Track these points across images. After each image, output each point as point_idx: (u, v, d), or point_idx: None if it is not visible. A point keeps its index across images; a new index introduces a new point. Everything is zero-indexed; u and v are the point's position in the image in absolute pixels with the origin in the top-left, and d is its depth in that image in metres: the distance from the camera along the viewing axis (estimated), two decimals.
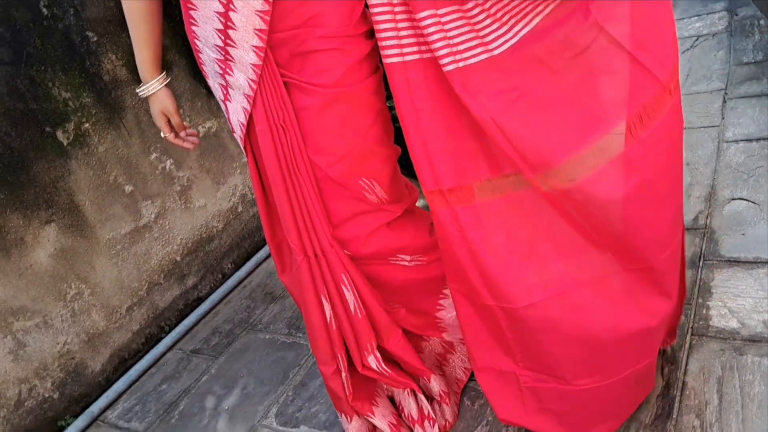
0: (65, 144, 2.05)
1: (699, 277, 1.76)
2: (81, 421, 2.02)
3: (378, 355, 1.46)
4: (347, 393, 1.47)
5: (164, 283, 2.36)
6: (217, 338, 2.26)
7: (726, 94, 2.66)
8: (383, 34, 1.16)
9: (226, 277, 2.58)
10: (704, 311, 1.64)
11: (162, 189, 2.34)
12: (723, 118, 2.48)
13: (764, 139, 2.27)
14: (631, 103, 1.18)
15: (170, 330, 2.35)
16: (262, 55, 1.20)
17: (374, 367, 1.46)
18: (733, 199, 2.03)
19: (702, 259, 1.81)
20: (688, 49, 3.22)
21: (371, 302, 1.43)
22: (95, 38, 2.13)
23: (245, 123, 1.29)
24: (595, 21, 1.15)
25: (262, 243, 2.73)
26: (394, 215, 1.41)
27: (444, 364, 1.58)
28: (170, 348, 2.28)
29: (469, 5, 1.14)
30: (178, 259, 2.41)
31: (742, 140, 2.30)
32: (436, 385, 1.53)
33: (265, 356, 2.08)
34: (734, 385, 1.43)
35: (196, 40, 1.27)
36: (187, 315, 2.41)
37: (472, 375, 1.65)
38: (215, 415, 1.90)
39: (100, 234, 2.15)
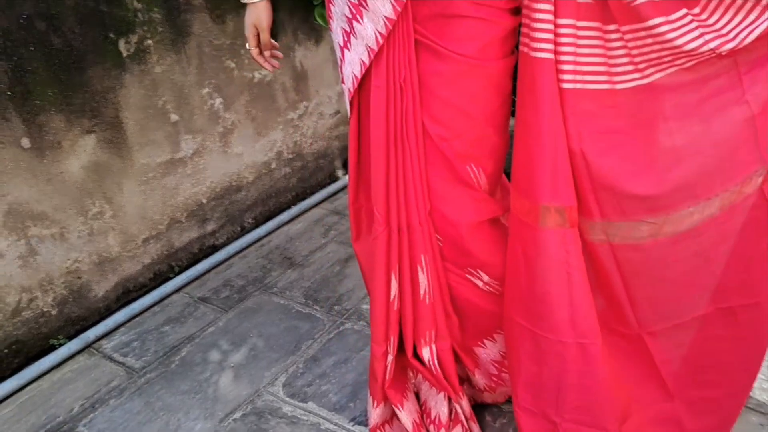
0: (125, 55, 1.94)
1: None
2: (75, 344, 1.92)
3: (434, 348, 1.39)
4: (387, 377, 1.40)
5: (185, 223, 2.26)
6: (228, 291, 2.17)
7: None
8: (539, 25, 1.07)
9: (244, 231, 2.48)
10: None
11: (206, 126, 2.24)
12: None
13: None
14: (732, 177, 1.12)
15: (180, 272, 2.26)
16: (399, 9, 1.11)
17: (426, 359, 1.38)
18: None
19: None
20: None
21: (439, 296, 1.35)
22: None
23: (359, 77, 1.19)
24: (743, 93, 1.07)
25: (286, 205, 2.64)
26: (498, 210, 1.32)
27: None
28: (178, 290, 2.19)
29: (611, 28, 1.06)
30: (204, 201, 2.31)
31: None
32: (466, 405, 1.47)
33: (278, 321, 2.00)
34: None
35: None
36: (199, 260, 2.32)
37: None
38: (219, 369, 1.82)
39: (136, 157, 2.04)
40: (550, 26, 1.06)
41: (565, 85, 1.08)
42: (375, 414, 1.45)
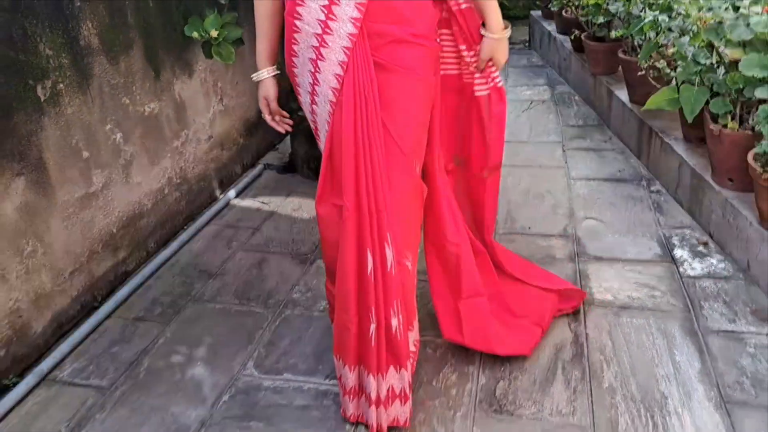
0: (42, 100, 2.05)
1: (578, 268, 2.41)
2: (32, 379, 1.98)
3: (401, 318, 1.65)
4: (374, 344, 1.64)
5: (101, 253, 2.38)
6: (161, 308, 2.35)
7: (563, 145, 3.50)
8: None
9: (149, 254, 2.64)
10: (589, 289, 2.28)
11: (110, 160, 2.39)
12: (566, 163, 3.28)
13: (598, 179, 3.09)
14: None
15: (103, 300, 2.37)
16: (359, 25, 1.50)
17: (394, 327, 1.64)
18: (587, 218, 2.76)
19: (577, 257, 2.48)
20: (525, 110, 4.08)
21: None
22: (78, 2, 2.17)
23: (338, 88, 1.56)
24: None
25: (180, 227, 2.84)
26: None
27: None
28: (108, 316, 2.30)
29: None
30: (114, 231, 2.44)
31: (584, 179, 3.10)
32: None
33: (222, 323, 2.25)
34: (619, 334, 2.06)
35: (296, 21, 1.55)
36: (117, 287, 2.44)
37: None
38: (188, 368, 2.03)
39: (59, 195, 2.15)
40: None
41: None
42: (352, 377, 1.72)
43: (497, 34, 1.70)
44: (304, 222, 2.90)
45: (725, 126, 2.28)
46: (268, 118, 1.70)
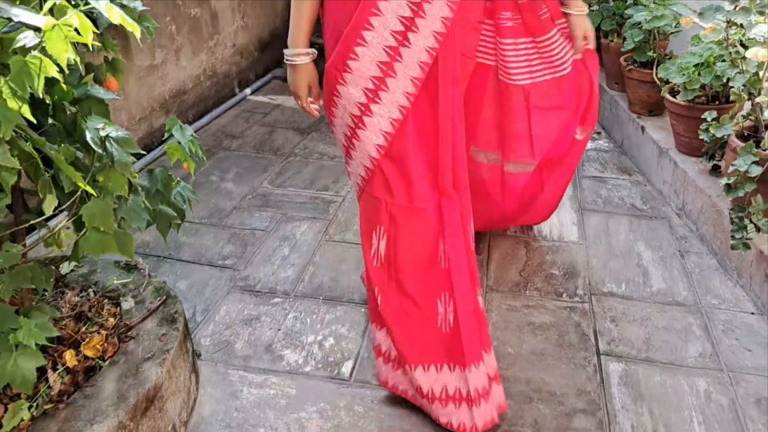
0: None
1: None
2: None
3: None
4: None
5: (158, 111, 3.26)
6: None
7: None
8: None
9: (189, 122, 3.52)
10: None
11: (167, 44, 3.26)
12: None
13: None
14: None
15: (158, 145, 3.26)
16: (455, 8, 1.45)
17: (481, 303, 1.61)
18: None
19: None
20: None
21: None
22: None
23: (421, 77, 1.48)
24: None
25: (212, 107, 3.72)
26: None
27: None
28: (163, 154, 3.20)
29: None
30: (167, 98, 3.32)
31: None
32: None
33: (244, 160, 3.15)
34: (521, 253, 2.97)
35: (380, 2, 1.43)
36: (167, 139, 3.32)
37: None
38: (221, 183, 2.93)
39: (135, 60, 3.02)
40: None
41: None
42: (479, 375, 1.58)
43: (585, 8, 1.78)
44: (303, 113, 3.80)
45: (612, 41, 3.19)
46: (307, 104, 1.59)
